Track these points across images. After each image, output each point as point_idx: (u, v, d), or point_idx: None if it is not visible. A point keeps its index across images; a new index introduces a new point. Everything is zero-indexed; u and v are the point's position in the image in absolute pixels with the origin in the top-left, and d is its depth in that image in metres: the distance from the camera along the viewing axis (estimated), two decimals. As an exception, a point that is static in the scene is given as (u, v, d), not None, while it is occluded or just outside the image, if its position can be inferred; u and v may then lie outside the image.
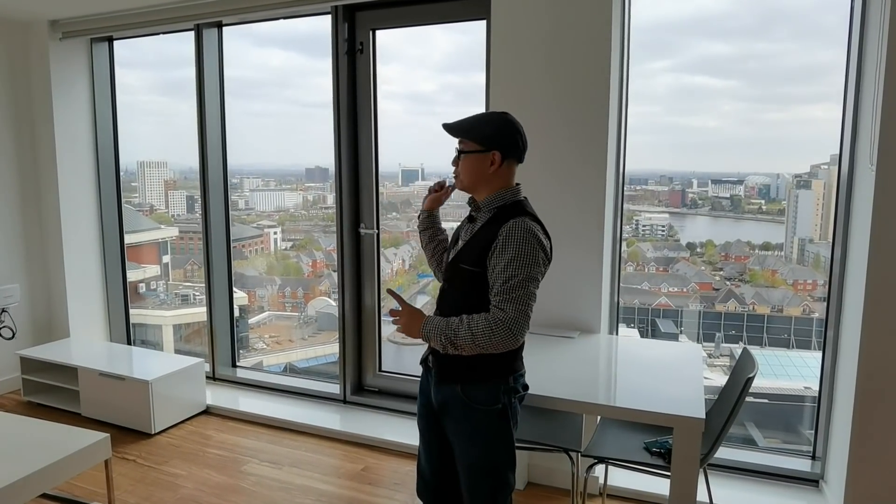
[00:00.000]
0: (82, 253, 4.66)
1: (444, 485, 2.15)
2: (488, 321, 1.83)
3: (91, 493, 3.11)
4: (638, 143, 3.27)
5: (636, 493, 3.03)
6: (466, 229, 2.05)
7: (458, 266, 1.98)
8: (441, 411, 2.04)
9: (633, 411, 2.20)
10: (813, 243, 3.64)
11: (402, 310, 1.95)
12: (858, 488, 2.64)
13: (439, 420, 2.07)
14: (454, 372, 1.97)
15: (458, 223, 2.21)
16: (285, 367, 4.81)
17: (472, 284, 1.93)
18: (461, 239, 2.05)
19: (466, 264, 1.94)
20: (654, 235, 4.00)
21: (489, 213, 1.97)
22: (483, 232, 1.94)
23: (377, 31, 3.77)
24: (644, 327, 3.83)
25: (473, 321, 1.84)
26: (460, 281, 1.97)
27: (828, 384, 2.98)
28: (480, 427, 1.97)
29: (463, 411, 1.97)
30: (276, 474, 3.33)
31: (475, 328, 1.83)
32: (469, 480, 2.01)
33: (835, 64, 2.97)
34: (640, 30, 3.17)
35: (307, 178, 5.06)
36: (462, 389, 1.96)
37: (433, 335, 1.89)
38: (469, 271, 1.93)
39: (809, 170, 3.62)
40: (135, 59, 4.85)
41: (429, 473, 2.17)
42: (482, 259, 1.90)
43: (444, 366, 1.99)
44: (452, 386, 1.98)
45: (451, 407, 2.00)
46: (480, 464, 1.99)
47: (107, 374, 3.84)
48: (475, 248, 1.93)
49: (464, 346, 1.85)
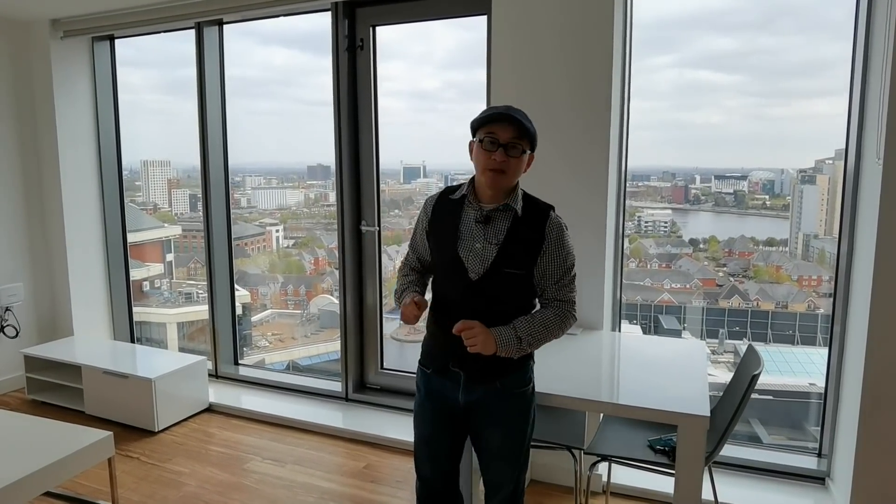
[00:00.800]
0: (85, 251, 4.66)
1: (450, 487, 2.15)
2: (560, 312, 1.95)
3: (94, 491, 3.11)
4: (641, 138, 3.26)
5: (640, 491, 3.02)
6: (482, 229, 1.93)
7: (502, 272, 1.91)
8: (472, 410, 2.01)
9: (637, 409, 2.18)
10: (818, 239, 3.62)
11: (473, 329, 1.86)
12: (865, 486, 2.62)
13: (464, 421, 2.04)
14: (493, 371, 1.96)
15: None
16: (288, 365, 4.81)
17: (517, 286, 1.94)
18: (482, 240, 1.92)
19: (513, 269, 1.91)
20: (657, 232, 3.98)
21: (513, 212, 1.92)
22: (523, 233, 1.91)
23: (377, 27, 3.76)
24: (647, 324, 3.82)
25: (544, 319, 1.93)
26: (502, 283, 1.92)
27: (834, 381, 2.96)
28: (518, 410, 2.02)
29: (501, 402, 1.99)
30: (279, 472, 3.33)
31: (549, 324, 1.93)
32: (502, 466, 2.04)
33: (839, 58, 2.95)
34: (644, 25, 3.15)
35: (309, 175, 5.06)
36: (500, 384, 1.98)
37: (509, 346, 1.88)
38: (515, 274, 1.92)
39: (814, 165, 3.60)
40: (138, 58, 4.86)
41: (434, 477, 2.13)
42: (529, 261, 1.92)
43: (482, 367, 1.95)
44: (490, 384, 1.97)
45: (486, 402, 1.99)
46: (517, 448, 2.03)
47: (110, 372, 3.84)
48: (517, 251, 1.91)
49: (539, 344, 1.94)
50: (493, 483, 2.07)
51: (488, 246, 1.91)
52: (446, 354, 1.99)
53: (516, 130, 1.85)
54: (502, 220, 1.92)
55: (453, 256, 1.94)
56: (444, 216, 2.00)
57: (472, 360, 1.93)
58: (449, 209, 1.99)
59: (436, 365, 2.04)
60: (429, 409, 2.08)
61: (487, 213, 1.93)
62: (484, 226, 1.92)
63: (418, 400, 2.12)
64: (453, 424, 2.06)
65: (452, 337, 1.89)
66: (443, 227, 2.00)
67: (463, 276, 1.92)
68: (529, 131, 1.87)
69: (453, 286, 1.96)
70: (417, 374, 2.13)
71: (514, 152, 1.86)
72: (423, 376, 2.10)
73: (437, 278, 2.07)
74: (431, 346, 2.08)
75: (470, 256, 1.92)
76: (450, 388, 2.01)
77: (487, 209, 1.93)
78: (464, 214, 1.96)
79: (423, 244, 2.10)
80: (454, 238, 1.95)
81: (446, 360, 2.00)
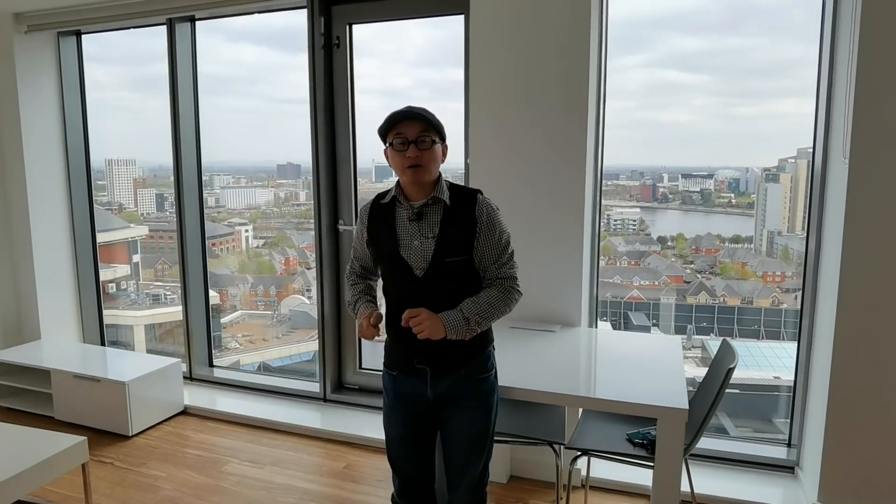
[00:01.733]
0: (53, 252, 4.54)
1: (427, 480, 2.20)
2: (506, 290, 2.01)
3: (67, 498, 3.05)
4: (610, 137, 3.29)
5: (618, 485, 3.07)
6: (417, 226, 1.98)
7: (444, 262, 1.96)
8: (440, 402, 2.06)
9: (619, 403, 2.23)
10: (781, 236, 3.72)
11: (420, 315, 1.90)
12: (833, 474, 2.72)
13: (434, 414, 2.09)
14: (457, 360, 2.03)
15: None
16: (259, 367, 4.77)
17: (462, 272, 1.99)
18: (419, 236, 1.97)
19: (454, 257, 1.97)
20: (626, 229, 4.05)
21: (443, 203, 1.98)
22: (455, 221, 1.97)
23: (354, 25, 3.75)
24: (616, 320, 3.88)
25: (489, 297, 1.98)
26: (446, 274, 1.97)
27: (803, 373, 3.05)
28: (485, 394, 2.09)
29: (467, 389, 2.06)
30: (258, 474, 3.30)
31: (494, 301, 1.98)
32: (471, 448, 2.09)
33: (804, 58, 3.03)
34: (614, 25, 3.18)
35: (279, 174, 5.02)
36: (465, 371, 2.04)
37: (457, 328, 1.93)
38: (457, 262, 1.97)
39: (777, 163, 3.69)
40: (103, 54, 4.74)
41: (414, 472, 2.17)
42: (467, 246, 1.98)
43: (446, 358, 2.01)
44: (455, 374, 2.03)
45: (454, 392, 2.05)
46: (482, 433, 2.10)
47: (81, 376, 3.76)
48: (455, 239, 1.96)
49: (487, 323, 1.99)
50: (459, 469, 2.12)
51: (426, 241, 1.98)
52: (409, 353, 2.04)
53: (421, 124, 1.93)
54: (434, 214, 1.99)
55: (396, 258, 2.01)
56: (378, 222, 2.06)
57: (435, 354, 2.00)
58: (382, 214, 2.05)
59: (400, 365, 2.09)
60: (400, 409, 2.13)
61: (419, 210, 1.99)
62: (418, 222, 1.99)
63: (387, 402, 2.17)
64: (423, 421, 2.11)
65: (412, 335, 1.93)
66: (380, 232, 2.06)
67: (408, 275, 1.98)
68: (433, 123, 1.95)
69: (401, 286, 2.03)
70: (384, 378, 2.17)
71: (425, 145, 1.93)
72: (389, 379, 2.14)
73: (385, 282, 2.13)
74: (393, 348, 2.13)
75: (411, 255, 1.98)
76: (418, 385, 2.07)
77: (417, 206, 2.00)
78: (397, 216, 2.03)
79: (363, 252, 2.17)
80: (394, 240, 2.01)
81: (410, 359, 2.05)
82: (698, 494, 2.76)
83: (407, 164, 1.92)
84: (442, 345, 1.94)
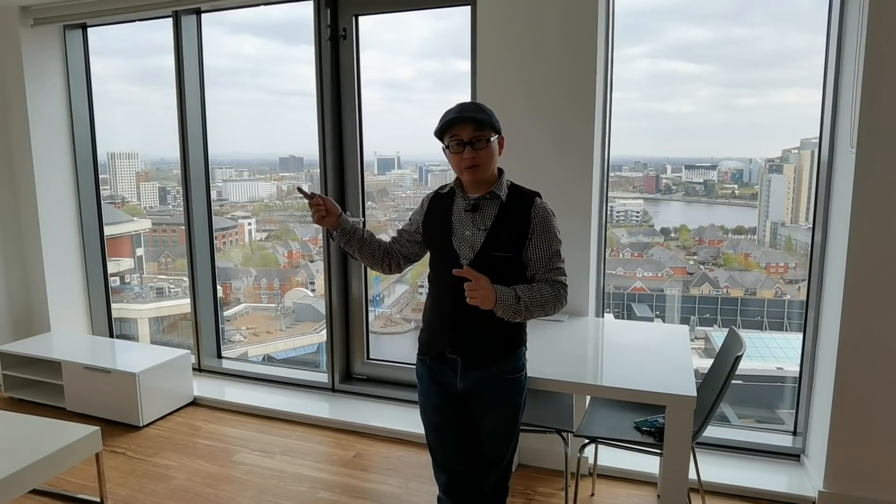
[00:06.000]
0: (61, 245, 4.56)
1: (470, 479, 2.15)
2: (555, 289, 2.00)
3: (81, 487, 3.08)
4: (614, 128, 3.30)
5: (625, 472, 3.11)
6: (471, 217, 2.03)
7: (491, 255, 1.99)
8: (469, 394, 2.08)
9: (628, 391, 2.26)
10: (784, 227, 3.73)
11: (479, 280, 1.89)
12: (838, 461, 2.75)
13: (465, 405, 2.10)
14: (489, 354, 2.05)
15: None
16: (263, 359, 4.79)
17: (507, 269, 2.00)
18: (471, 227, 2.02)
19: (501, 252, 2.00)
20: (629, 221, 4.06)
21: (499, 199, 2.02)
22: (509, 218, 2.01)
23: (360, 17, 3.74)
24: (620, 311, 3.89)
25: (541, 290, 1.98)
26: (491, 267, 1.97)
27: (808, 363, 3.08)
28: (513, 394, 2.10)
29: (497, 387, 2.07)
30: (268, 463, 3.34)
31: (546, 295, 1.97)
32: (497, 445, 2.12)
33: (809, 48, 3.03)
34: (618, 15, 3.18)
35: (281, 167, 5.03)
36: (497, 367, 2.06)
37: (508, 305, 1.92)
38: (503, 258, 2.00)
39: (781, 154, 3.70)
40: (105, 47, 4.73)
41: (459, 466, 2.14)
42: (518, 245, 2.00)
43: (478, 351, 2.04)
44: (487, 367, 2.05)
45: (483, 386, 2.06)
46: (510, 429, 2.12)
47: (92, 367, 3.78)
48: (504, 236, 2.00)
49: (533, 313, 1.97)
50: (486, 462, 2.14)
51: (477, 232, 2.02)
52: (443, 342, 2.07)
53: (474, 126, 1.96)
54: (489, 207, 2.04)
55: (447, 245, 2.06)
56: (437, 210, 2.14)
57: (468, 346, 2.03)
58: (441, 204, 2.13)
59: (433, 352, 2.12)
60: (434, 394, 2.14)
61: (475, 202, 2.05)
62: (472, 214, 2.04)
63: (421, 390, 2.18)
64: (456, 410, 2.12)
65: (448, 324, 2.02)
66: (436, 220, 2.12)
67: (455, 263, 2.01)
68: (486, 121, 1.98)
69: (447, 273, 2.02)
70: (417, 365, 2.20)
71: (480, 145, 1.97)
72: (422, 365, 2.17)
73: (432, 269, 2.17)
74: (429, 335, 2.15)
75: (461, 244, 2.03)
76: (448, 374, 2.09)
77: (474, 198, 2.05)
78: (454, 206, 2.09)
79: (410, 235, 2.24)
80: (448, 229, 2.07)
81: (443, 348, 2.07)
82: (705, 482, 2.80)
83: (464, 165, 1.98)
84: (475, 337, 2.00)
